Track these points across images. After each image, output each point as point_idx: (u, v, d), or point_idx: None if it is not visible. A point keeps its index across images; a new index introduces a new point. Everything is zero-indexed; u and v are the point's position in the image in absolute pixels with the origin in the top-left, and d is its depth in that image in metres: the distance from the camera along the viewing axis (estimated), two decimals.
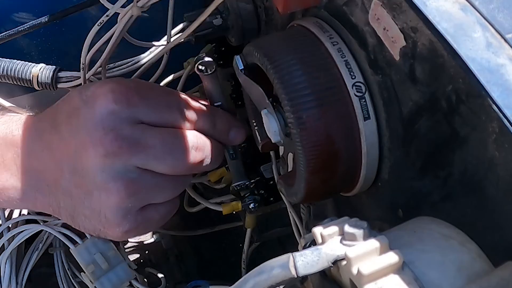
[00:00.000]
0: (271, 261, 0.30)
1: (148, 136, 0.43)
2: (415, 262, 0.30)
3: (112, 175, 0.43)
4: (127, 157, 0.43)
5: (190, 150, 0.45)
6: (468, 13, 0.31)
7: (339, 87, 0.38)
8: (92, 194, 0.44)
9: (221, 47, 0.62)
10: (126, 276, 0.55)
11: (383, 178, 0.40)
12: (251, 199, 0.57)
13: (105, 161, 0.42)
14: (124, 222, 0.45)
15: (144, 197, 0.45)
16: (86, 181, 0.44)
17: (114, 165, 0.43)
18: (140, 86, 0.44)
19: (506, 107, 0.27)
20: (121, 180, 0.43)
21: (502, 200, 0.29)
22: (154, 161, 0.44)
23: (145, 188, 0.45)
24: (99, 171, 0.43)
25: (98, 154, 0.42)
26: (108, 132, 0.42)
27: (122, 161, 0.43)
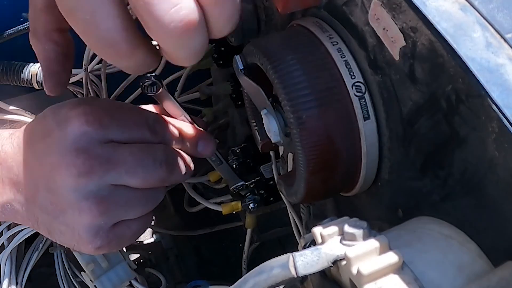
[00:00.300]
0: (271, 261, 0.30)
1: (119, 153, 0.45)
2: (415, 262, 0.30)
3: (84, 194, 0.45)
4: (99, 176, 0.44)
5: (160, 163, 0.47)
6: (467, 13, 0.31)
7: (339, 87, 0.38)
8: (66, 211, 0.46)
9: (221, 47, 0.62)
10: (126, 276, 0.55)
11: (383, 178, 0.40)
12: (251, 199, 0.57)
13: (78, 181, 0.44)
14: (96, 239, 0.47)
15: (116, 213, 0.47)
16: (60, 200, 0.45)
17: (87, 184, 0.44)
18: (110, 106, 0.46)
19: (506, 107, 0.27)
20: (93, 199, 0.45)
21: (502, 200, 0.29)
22: (125, 175, 0.45)
23: (117, 205, 0.46)
24: (72, 190, 0.44)
25: (71, 174, 0.44)
26: (80, 154, 0.44)
27: (95, 180, 0.44)
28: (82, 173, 0.44)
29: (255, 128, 0.49)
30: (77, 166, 0.44)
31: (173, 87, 0.62)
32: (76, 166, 0.44)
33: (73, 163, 0.44)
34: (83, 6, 0.33)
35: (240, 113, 0.63)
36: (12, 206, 0.48)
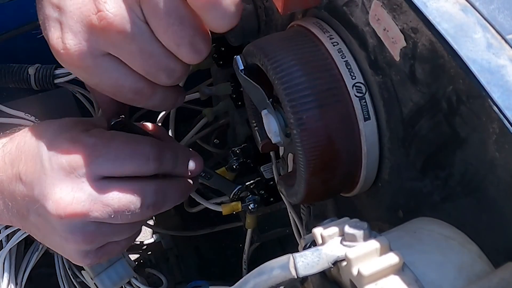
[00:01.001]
0: (271, 261, 0.30)
1: (105, 196, 0.45)
2: (416, 263, 0.30)
3: (70, 229, 0.45)
4: (85, 216, 0.44)
5: (148, 206, 0.47)
6: (468, 13, 0.31)
7: (339, 87, 0.38)
8: (54, 236, 0.47)
9: (221, 47, 0.62)
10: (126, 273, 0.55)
11: (383, 179, 0.40)
12: (251, 199, 0.57)
13: (63, 220, 0.44)
14: (86, 259, 0.49)
15: (102, 241, 0.48)
16: (49, 226, 0.46)
17: (72, 222, 0.45)
18: (99, 141, 0.46)
19: (507, 108, 0.27)
20: (79, 233, 0.45)
21: (502, 201, 0.29)
22: (109, 218, 0.45)
23: (103, 235, 0.47)
24: (58, 223, 0.45)
25: (55, 213, 0.44)
26: (65, 196, 0.44)
27: (80, 219, 0.45)
28: (68, 214, 0.44)
29: (255, 128, 0.49)
30: (62, 206, 0.44)
31: None
32: (62, 207, 0.44)
33: (58, 203, 0.44)
34: (106, 79, 0.42)
35: (240, 114, 0.63)
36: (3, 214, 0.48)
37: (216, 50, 0.63)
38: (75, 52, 0.40)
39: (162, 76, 0.43)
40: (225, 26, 0.40)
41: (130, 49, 0.41)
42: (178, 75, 0.44)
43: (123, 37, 0.40)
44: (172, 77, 0.43)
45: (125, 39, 0.40)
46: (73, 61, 0.41)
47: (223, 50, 0.62)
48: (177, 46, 0.41)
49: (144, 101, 0.45)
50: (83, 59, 0.41)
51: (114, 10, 0.39)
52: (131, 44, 0.40)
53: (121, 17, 0.39)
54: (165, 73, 0.43)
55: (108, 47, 0.41)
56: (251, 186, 0.57)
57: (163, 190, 0.48)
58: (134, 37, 0.40)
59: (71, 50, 0.40)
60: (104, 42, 0.40)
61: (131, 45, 0.40)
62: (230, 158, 0.60)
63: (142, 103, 0.45)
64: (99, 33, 0.40)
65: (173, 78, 0.44)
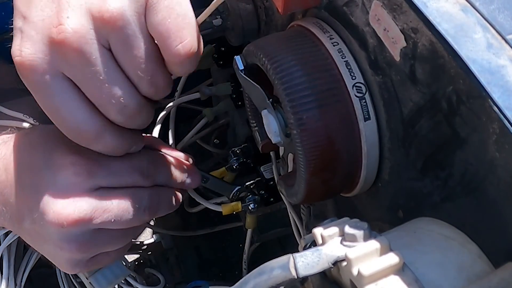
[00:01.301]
0: (271, 262, 0.30)
1: (105, 202, 0.45)
2: (416, 263, 0.30)
3: (68, 238, 0.45)
4: (84, 224, 0.44)
5: (144, 210, 0.47)
6: (468, 14, 0.31)
7: (340, 87, 0.38)
8: (48, 244, 0.46)
9: (221, 47, 0.62)
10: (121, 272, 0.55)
11: (383, 179, 0.40)
12: (251, 199, 0.57)
13: (63, 229, 0.44)
14: (75, 269, 0.49)
15: (95, 251, 0.48)
16: (44, 234, 0.46)
17: (71, 232, 0.45)
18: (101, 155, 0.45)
19: (507, 108, 0.27)
20: (75, 242, 0.45)
21: (502, 201, 0.29)
22: (109, 224, 0.46)
23: (97, 245, 0.47)
24: (56, 233, 0.45)
25: (57, 222, 0.44)
26: (67, 206, 0.44)
27: (79, 228, 0.45)
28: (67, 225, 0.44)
29: (255, 128, 0.49)
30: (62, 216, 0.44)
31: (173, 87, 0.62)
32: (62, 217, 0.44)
33: (58, 213, 0.44)
34: (49, 104, 0.40)
35: (240, 114, 0.63)
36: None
37: (216, 50, 0.63)
38: (28, 62, 0.38)
39: (113, 109, 0.40)
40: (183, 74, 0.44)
41: (84, 71, 0.39)
42: (129, 112, 0.41)
43: (78, 56, 0.38)
44: (123, 113, 0.40)
45: (80, 58, 0.38)
46: (25, 71, 0.39)
47: (223, 50, 0.62)
48: (138, 76, 0.40)
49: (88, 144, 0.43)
50: (34, 72, 0.39)
51: (75, 26, 0.37)
52: (87, 66, 0.38)
53: (80, 35, 0.38)
54: (116, 107, 0.40)
55: (63, 65, 0.39)
56: (251, 186, 0.57)
57: (157, 194, 0.49)
58: (91, 59, 0.38)
59: (25, 59, 0.38)
60: (60, 58, 0.38)
61: (87, 67, 0.38)
62: (230, 158, 0.60)
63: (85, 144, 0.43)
64: (55, 48, 0.38)
65: (124, 116, 0.41)
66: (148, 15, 0.39)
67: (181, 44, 0.39)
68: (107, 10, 0.37)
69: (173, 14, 0.39)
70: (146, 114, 0.43)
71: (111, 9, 0.37)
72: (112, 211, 0.45)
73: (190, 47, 0.40)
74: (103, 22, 0.38)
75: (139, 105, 0.41)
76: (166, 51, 0.40)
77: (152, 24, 0.39)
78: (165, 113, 0.61)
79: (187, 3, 0.40)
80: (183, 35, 0.39)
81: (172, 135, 0.61)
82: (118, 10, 0.38)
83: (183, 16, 0.39)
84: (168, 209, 0.51)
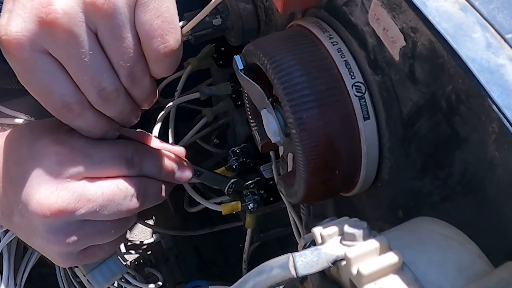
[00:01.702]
0: (271, 261, 0.30)
1: (89, 192, 0.45)
2: (415, 263, 0.30)
3: (53, 230, 0.45)
4: (68, 215, 0.44)
5: (131, 198, 0.47)
6: (468, 13, 0.31)
7: (339, 87, 0.38)
8: (36, 237, 0.47)
9: (221, 47, 0.62)
10: (118, 269, 0.55)
11: (383, 178, 0.40)
12: (251, 199, 0.57)
13: (47, 219, 0.44)
14: (67, 262, 0.49)
15: (85, 242, 0.48)
16: (32, 226, 0.46)
17: (55, 222, 0.45)
18: (85, 143, 0.46)
19: (506, 108, 0.27)
20: (62, 234, 0.45)
21: (502, 201, 0.29)
22: (95, 213, 0.46)
23: (85, 236, 0.47)
24: (41, 224, 0.45)
25: (40, 212, 0.44)
26: (50, 195, 0.44)
27: (64, 218, 0.45)
28: (52, 214, 0.44)
29: (255, 128, 0.49)
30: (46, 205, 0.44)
31: (173, 87, 0.62)
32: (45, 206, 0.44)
33: (41, 202, 0.44)
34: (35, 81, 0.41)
35: (240, 113, 0.63)
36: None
37: (216, 50, 0.63)
38: (14, 40, 0.39)
39: (92, 91, 0.41)
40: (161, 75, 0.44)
41: (70, 52, 0.39)
42: (107, 96, 0.42)
43: (67, 36, 0.39)
44: (100, 96, 0.42)
45: (68, 39, 0.39)
46: (11, 49, 0.39)
47: (223, 50, 0.62)
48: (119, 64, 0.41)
49: (70, 118, 0.43)
50: (21, 49, 0.39)
51: (65, 7, 0.38)
52: (73, 47, 0.39)
53: (69, 17, 0.38)
54: (96, 89, 0.41)
55: (49, 44, 0.39)
56: (251, 186, 0.57)
57: (143, 184, 0.49)
58: (78, 40, 0.39)
59: (11, 37, 0.39)
60: (47, 38, 0.39)
61: (73, 47, 0.39)
62: (230, 158, 0.60)
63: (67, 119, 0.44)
64: (44, 27, 0.39)
65: (101, 98, 0.42)
66: (137, 11, 0.40)
67: (163, 45, 0.41)
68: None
69: (160, 17, 0.41)
70: (123, 105, 0.44)
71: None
72: (96, 201, 0.45)
73: (171, 48, 0.42)
74: (94, 7, 0.39)
75: (117, 91, 0.42)
76: (148, 48, 0.41)
77: (139, 21, 0.40)
78: (165, 113, 0.61)
79: (174, 10, 0.42)
80: (167, 38, 0.41)
81: (172, 135, 0.61)
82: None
83: (169, 22, 0.41)
84: (156, 200, 0.51)
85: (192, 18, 0.50)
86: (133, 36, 0.41)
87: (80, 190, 0.45)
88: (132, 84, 0.43)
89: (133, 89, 0.44)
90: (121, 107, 0.44)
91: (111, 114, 0.44)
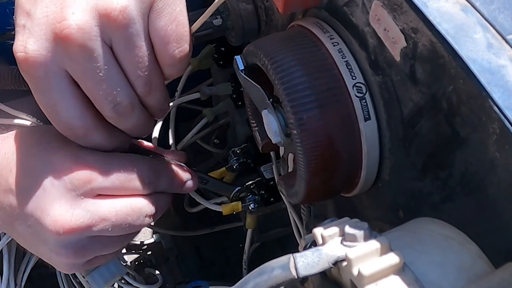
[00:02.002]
0: (272, 262, 0.30)
1: (103, 211, 0.45)
2: (416, 263, 0.30)
3: (64, 245, 0.45)
4: (81, 232, 0.44)
5: (144, 217, 0.47)
6: (469, 14, 0.31)
7: (340, 87, 0.38)
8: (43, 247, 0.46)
9: (221, 47, 0.62)
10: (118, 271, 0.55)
11: (383, 179, 0.40)
12: (252, 199, 0.57)
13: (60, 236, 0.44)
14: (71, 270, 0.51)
15: (92, 254, 0.48)
16: (40, 238, 0.45)
17: (67, 239, 0.45)
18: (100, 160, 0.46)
19: (507, 108, 0.27)
20: (72, 248, 0.45)
21: (502, 201, 0.29)
22: (107, 232, 0.46)
23: (94, 250, 0.47)
24: (51, 239, 0.44)
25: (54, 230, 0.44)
26: (64, 213, 0.44)
27: (76, 235, 0.44)
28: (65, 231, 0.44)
29: (256, 128, 0.49)
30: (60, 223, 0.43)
31: (173, 87, 0.62)
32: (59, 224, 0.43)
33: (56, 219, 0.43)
34: (45, 99, 0.41)
35: (240, 114, 0.63)
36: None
37: (216, 50, 0.63)
38: (31, 58, 0.39)
39: (107, 106, 0.41)
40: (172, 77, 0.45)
41: (85, 67, 0.39)
42: (122, 110, 0.42)
43: (81, 52, 0.39)
44: (115, 110, 0.42)
45: (83, 54, 0.39)
46: (27, 67, 0.39)
47: (223, 50, 0.62)
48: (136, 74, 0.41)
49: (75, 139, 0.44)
50: (36, 68, 0.39)
51: (79, 22, 0.38)
52: (88, 62, 0.39)
53: (84, 32, 0.38)
54: (111, 103, 0.41)
55: (65, 60, 0.39)
56: (251, 186, 0.57)
57: (156, 201, 0.49)
58: (93, 55, 0.39)
59: (29, 55, 0.39)
60: (62, 54, 0.39)
61: (88, 62, 0.39)
62: (230, 158, 0.60)
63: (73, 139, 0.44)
64: (59, 43, 0.38)
65: (116, 113, 0.42)
66: (152, 17, 0.40)
67: (178, 49, 0.41)
68: (114, 9, 0.38)
69: (175, 21, 0.41)
70: (138, 118, 0.44)
71: (118, 8, 0.38)
72: (110, 220, 0.45)
73: (185, 52, 0.42)
74: (109, 19, 0.38)
75: (131, 105, 0.42)
76: (163, 54, 0.41)
77: (154, 27, 0.40)
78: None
79: (186, 14, 0.42)
80: (182, 43, 0.42)
81: (172, 135, 0.61)
82: (125, 9, 0.38)
83: (183, 25, 0.41)
84: (164, 211, 0.51)
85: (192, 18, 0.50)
86: (147, 44, 0.40)
87: (94, 208, 0.44)
88: (149, 93, 0.43)
89: (149, 98, 0.43)
90: (135, 120, 0.44)
91: (125, 128, 0.45)
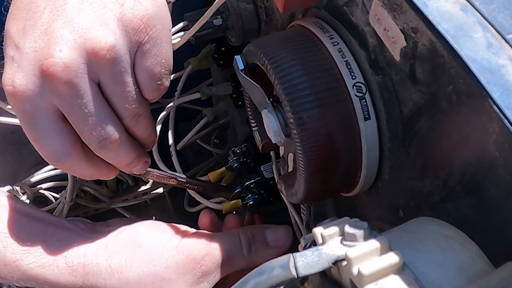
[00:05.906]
0: (272, 261, 0.30)
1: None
2: (416, 263, 0.30)
3: None
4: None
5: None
6: (468, 13, 0.31)
7: (340, 87, 0.38)
8: None
9: (221, 47, 0.62)
10: None
11: (383, 178, 0.40)
12: (251, 198, 0.57)
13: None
14: None
15: None
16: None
17: None
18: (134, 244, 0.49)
19: (507, 108, 0.27)
20: None
21: (502, 201, 0.29)
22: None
23: None
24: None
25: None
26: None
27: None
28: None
29: (256, 128, 0.49)
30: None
31: (173, 87, 0.62)
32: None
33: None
34: (32, 132, 0.42)
35: (240, 113, 0.63)
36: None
37: (216, 50, 0.63)
38: (20, 93, 0.40)
39: (94, 141, 0.42)
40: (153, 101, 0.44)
41: (72, 103, 0.40)
42: (108, 146, 0.42)
43: (68, 89, 0.39)
44: (102, 145, 0.42)
45: (69, 91, 0.39)
46: (16, 101, 0.40)
47: (223, 50, 0.62)
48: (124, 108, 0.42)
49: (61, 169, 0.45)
50: (23, 102, 0.40)
51: (66, 60, 0.38)
52: (75, 99, 0.40)
53: (70, 70, 0.38)
54: (97, 139, 0.42)
55: (52, 96, 0.40)
56: (251, 186, 0.57)
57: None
58: (79, 92, 0.39)
59: (17, 90, 0.40)
60: (49, 90, 0.39)
61: (75, 99, 0.40)
62: (230, 158, 0.60)
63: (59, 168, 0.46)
64: (46, 80, 0.39)
65: (103, 148, 0.42)
66: (138, 56, 0.41)
67: (161, 86, 0.43)
68: (102, 48, 0.38)
69: (160, 63, 0.41)
70: (125, 153, 0.44)
71: (106, 47, 0.38)
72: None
73: (166, 86, 0.43)
74: (96, 57, 0.39)
75: (118, 140, 0.43)
76: (147, 89, 0.42)
77: (141, 66, 0.41)
78: (165, 113, 0.61)
79: (171, 51, 0.43)
80: (164, 82, 0.43)
81: (172, 135, 0.61)
82: (113, 48, 0.39)
83: (167, 65, 0.42)
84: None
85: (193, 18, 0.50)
86: (133, 78, 0.41)
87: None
88: (137, 123, 0.44)
89: (136, 128, 0.44)
90: (123, 155, 0.44)
91: (113, 162, 0.45)
